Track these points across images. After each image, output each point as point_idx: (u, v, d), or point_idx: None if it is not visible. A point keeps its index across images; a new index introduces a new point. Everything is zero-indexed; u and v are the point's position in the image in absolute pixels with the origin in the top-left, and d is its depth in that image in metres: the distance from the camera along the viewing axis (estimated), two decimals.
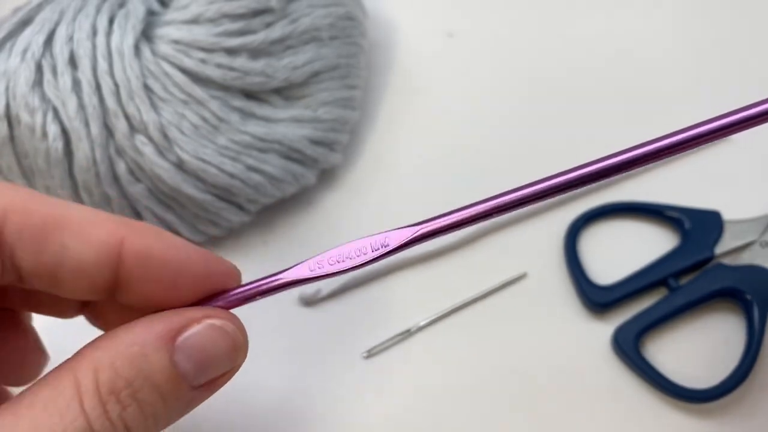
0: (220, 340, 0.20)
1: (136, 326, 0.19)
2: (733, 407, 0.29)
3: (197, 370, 0.19)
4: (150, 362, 0.18)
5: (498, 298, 0.32)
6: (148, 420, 0.18)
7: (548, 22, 0.40)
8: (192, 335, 0.19)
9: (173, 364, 0.19)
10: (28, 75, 0.29)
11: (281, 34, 0.31)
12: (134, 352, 0.18)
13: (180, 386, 0.19)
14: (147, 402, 0.18)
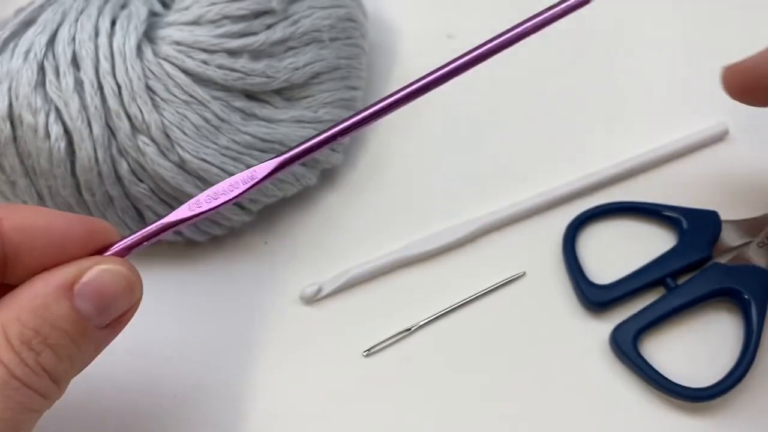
0: (114, 281, 0.22)
1: (35, 282, 0.21)
2: (730, 406, 0.29)
3: (99, 312, 0.21)
4: (53, 311, 0.20)
5: (497, 297, 0.32)
6: (64, 362, 0.21)
7: None
8: (87, 281, 0.21)
9: (75, 310, 0.21)
10: (30, 75, 0.29)
11: (282, 36, 0.31)
12: (37, 304, 0.20)
13: (86, 328, 0.21)
14: (59, 345, 0.21)
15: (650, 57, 0.38)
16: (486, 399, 0.30)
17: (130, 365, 0.27)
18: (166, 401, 0.30)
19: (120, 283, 0.22)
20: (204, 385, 0.31)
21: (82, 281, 0.21)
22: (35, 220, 0.21)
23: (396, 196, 0.35)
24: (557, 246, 0.32)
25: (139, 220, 0.31)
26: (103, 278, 0.21)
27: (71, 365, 0.21)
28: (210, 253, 0.34)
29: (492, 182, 0.35)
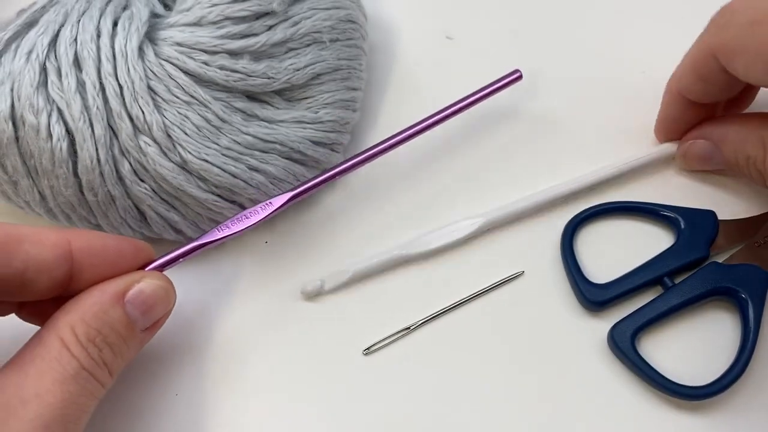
0: (156, 292, 0.27)
1: (94, 291, 0.26)
2: (728, 404, 0.29)
3: (143, 316, 0.26)
4: (110, 315, 0.25)
5: (495, 296, 0.32)
6: (118, 357, 0.26)
7: (547, 23, 0.40)
8: (136, 291, 0.26)
9: (126, 315, 0.26)
10: (32, 76, 0.29)
11: (283, 37, 0.31)
12: (97, 309, 0.25)
13: (133, 330, 0.26)
14: (115, 344, 0.25)
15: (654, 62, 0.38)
16: (485, 397, 0.30)
17: (131, 364, 0.27)
18: (166, 401, 0.30)
19: (160, 293, 0.27)
20: (204, 384, 0.31)
21: (131, 291, 0.26)
22: (95, 241, 0.26)
23: (396, 195, 0.35)
24: (556, 245, 0.33)
25: (140, 219, 0.31)
26: (148, 289, 0.26)
27: (122, 360, 0.26)
28: (211, 252, 0.34)
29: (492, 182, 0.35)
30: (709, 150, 0.32)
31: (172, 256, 0.28)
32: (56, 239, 0.25)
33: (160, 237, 0.32)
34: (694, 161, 0.33)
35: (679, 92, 0.31)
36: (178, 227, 0.31)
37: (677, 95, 0.32)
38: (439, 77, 0.38)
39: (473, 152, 0.36)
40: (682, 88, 0.31)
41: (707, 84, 0.30)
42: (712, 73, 0.29)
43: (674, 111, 0.33)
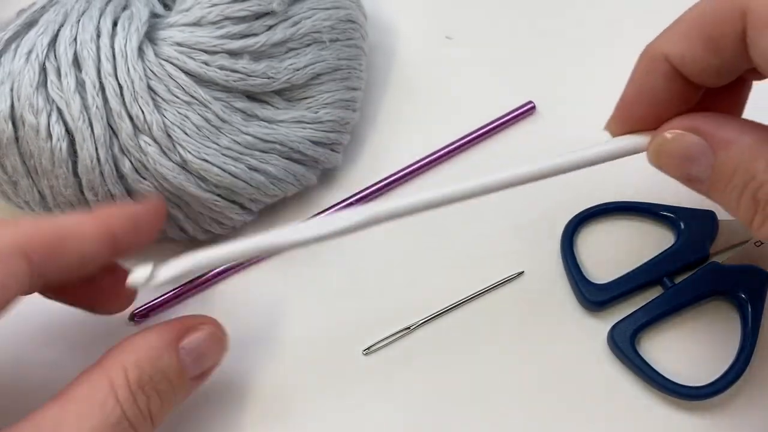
0: (211, 342, 0.26)
1: (151, 333, 0.25)
2: (728, 404, 0.29)
3: (195, 365, 0.25)
4: (164, 361, 0.24)
5: (495, 296, 0.32)
6: (165, 406, 0.24)
7: (547, 23, 0.40)
8: (192, 339, 0.25)
9: (180, 362, 0.25)
10: (32, 76, 0.29)
11: (283, 37, 0.31)
12: (153, 354, 0.24)
13: (184, 378, 0.25)
14: (164, 392, 0.24)
15: None
16: (484, 398, 0.30)
17: None
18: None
19: (215, 343, 0.26)
20: (204, 384, 0.31)
21: (187, 339, 0.25)
22: (127, 216, 0.26)
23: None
24: (555, 245, 0.33)
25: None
26: (204, 337, 0.26)
27: (167, 409, 0.25)
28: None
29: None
30: (699, 150, 0.23)
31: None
32: (97, 228, 0.24)
33: (162, 236, 0.32)
34: (671, 160, 0.24)
35: (667, 59, 0.23)
36: (182, 225, 0.31)
37: (662, 63, 0.23)
38: (439, 77, 0.38)
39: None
40: (676, 54, 0.23)
41: (715, 54, 0.22)
42: (725, 40, 0.21)
43: (652, 87, 0.24)
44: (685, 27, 0.23)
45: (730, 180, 0.22)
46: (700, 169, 0.23)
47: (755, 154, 0.21)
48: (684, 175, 0.24)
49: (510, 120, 0.36)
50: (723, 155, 0.22)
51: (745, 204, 0.22)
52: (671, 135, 0.23)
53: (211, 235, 0.33)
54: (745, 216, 0.22)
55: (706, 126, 0.23)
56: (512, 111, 0.36)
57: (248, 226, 0.34)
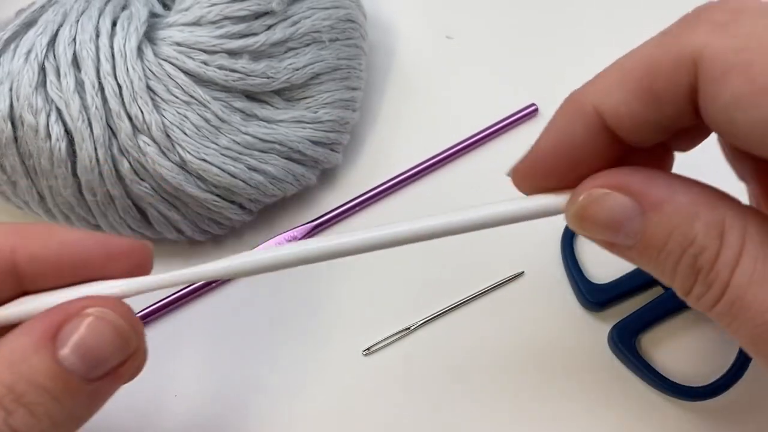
0: (101, 330, 0.19)
1: (18, 332, 0.19)
2: (728, 405, 0.29)
3: (86, 364, 0.19)
4: (32, 365, 0.18)
5: (495, 297, 0.32)
6: (42, 421, 0.18)
7: (548, 23, 0.40)
8: (70, 330, 0.19)
9: (57, 362, 0.18)
10: (31, 76, 0.29)
11: (282, 36, 0.31)
12: (14, 358, 0.18)
13: (71, 382, 0.19)
14: (36, 404, 0.18)
15: None
16: (485, 398, 0.30)
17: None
18: (166, 401, 0.30)
19: (109, 332, 0.19)
20: (204, 384, 0.31)
21: (64, 330, 0.19)
22: (48, 245, 0.20)
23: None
24: (556, 245, 0.33)
25: (140, 219, 0.31)
26: (91, 326, 0.19)
27: (53, 425, 0.19)
28: (210, 251, 0.34)
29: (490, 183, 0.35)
30: (628, 212, 0.19)
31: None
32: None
33: (161, 237, 0.32)
34: (596, 225, 0.20)
35: (597, 111, 0.19)
36: (179, 226, 0.31)
37: (590, 116, 0.19)
38: (439, 77, 0.38)
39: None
40: (609, 106, 0.19)
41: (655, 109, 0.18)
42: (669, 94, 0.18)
43: (573, 140, 0.20)
44: (621, 76, 0.19)
45: (664, 246, 0.19)
46: (628, 233, 0.19)
47: (692, 215, 0.18)
48: (609, 241, 0.20)
49: (512, 122, 0.36)
50: (655, 217, 0.19)
51: (682, 273, 0.19)
52: (595, 194, 0.20)
53: (209, 236, 0.33)
54: (683, 285, 0.19)
55: (634, 183, 0.19)
56: (514, 113, 0.36)
57: (247, 226, 0.34)
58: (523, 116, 0.36)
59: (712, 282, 0.18)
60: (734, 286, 0.18)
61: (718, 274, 0.18)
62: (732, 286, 0.18)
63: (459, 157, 0.36)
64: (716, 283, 0.18)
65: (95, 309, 0.19)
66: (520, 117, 0.36)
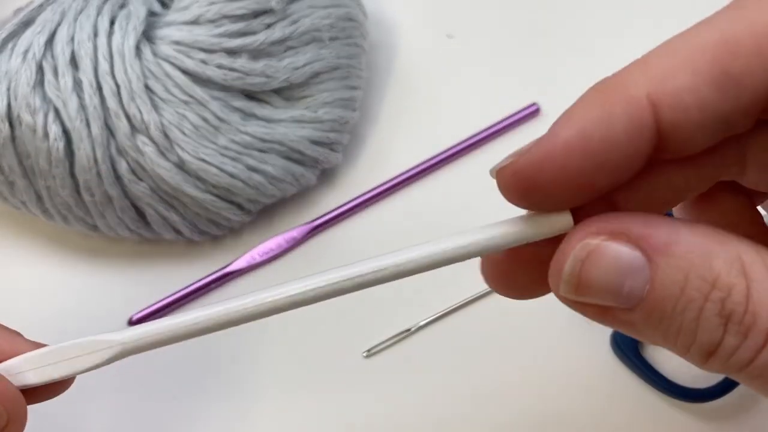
0: None
1: None
2: (731, 407, 0.29)
3: None
4: None
5: (496, 298, 0.32)
6: None
7: (549, 22, 0.40)
8: None
9: None
10: (29, 75, 0.29)
11: (281, 35, 0.31)
12: None
13: None
14: None
15: None
16: (486, 399, 0.30)
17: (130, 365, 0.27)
18: (167, 401, 0.30)
19: None
20: (204, 385, 0.31)
21: None
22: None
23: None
24: None
25: (138, 219, 0.31)
26: None
27: None
28: (209, 252, 0.34)
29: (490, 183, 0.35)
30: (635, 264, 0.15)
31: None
32: None
33: (158, 238, 0.32)
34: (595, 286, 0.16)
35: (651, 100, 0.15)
36: (177, 227, 0.31)
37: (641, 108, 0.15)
38: (439, 76, 0.38)
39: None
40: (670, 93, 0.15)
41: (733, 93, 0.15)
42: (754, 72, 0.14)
43: (610, 136, 0.15)
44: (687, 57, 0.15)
45: (682, 294, 0.15)
46: (633, 290, 0.15)
47: (707, 253, 0.15)
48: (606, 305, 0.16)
49: (513, 122, 0.36)
50: (664, 263, 0.15)
51: (707, 324, 0.15)
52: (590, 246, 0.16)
53: (208, 236, 0.33)
54: (710, 341, 0.15)
55: (634, 227, 0.15)
56: (515, 113, 0.36)
57: (246, 226, 0.34)
58: (524, 116, 0.36)
59: (748, 327, 0.15)
60: None
61: (755, 317, 0.14)
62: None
63: (459, 157, 0.35)
64: (755, 328, 0.14)
65: None
66: (522, 117, 0.36)
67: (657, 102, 0.15)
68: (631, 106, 0.15)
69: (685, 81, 0.15)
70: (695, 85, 0.15)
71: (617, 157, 0.15)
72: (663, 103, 0.15)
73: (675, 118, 0.15)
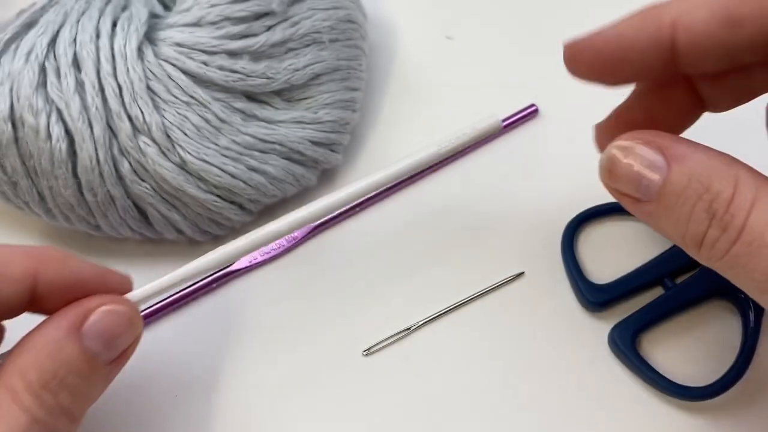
0: (117, 320, 0.24)
1: (46, 327, 0.23)
2: (728, 405, 0.29)
3: (106, 348, 0.23)
4: (66, 352, 0.22)
5: (495, 297, 0.32)
6: (78, 399, 0.23)
7: (548, 23, 0.40)
8: (93, 322, 0.23)
9: (85, 349, 0.23)
10: (31, 77, 0.29)
11: (282, 37, 0.31)
12: (51, 348, 0.22)
13: (96, 365, 0.23)
14: (74, 385, 0.22)
15: None
16: (485, 398, 0.30)
17: (130, 365, 0.27)
18: (166, 401, 0.30)
19: (122, 320, 0.24)
20: (204, 385, 0.31)
21: (88, 322, 0.23)
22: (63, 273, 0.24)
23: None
24: (556, 246, 0.33)
25: (140, 219, 0.31)
26: (107, 317, 0.23)
27: (84, 401, 0.23)
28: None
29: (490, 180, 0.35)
30: (656, 163, 0.21)
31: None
32: (23, 273, 0.23)
33: (161, 237, 0.32)
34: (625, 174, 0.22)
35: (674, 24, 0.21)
36: (179, 227, 0.31)
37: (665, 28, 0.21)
38: (439, 77, 0.38)
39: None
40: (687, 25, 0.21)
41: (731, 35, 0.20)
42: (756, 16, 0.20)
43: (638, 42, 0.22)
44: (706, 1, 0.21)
45: (683, 192, 0.20)
46: (651, 184, 0.21)
47: (709, 167, 0.20)
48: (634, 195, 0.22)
49: (512, 123, 0.36)
50: (677, 168, 0.21)
51: (696, 218, 0.20)
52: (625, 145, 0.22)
53: (209, 236, 0.33)
54: (696, 231, 0.20)
55: (661, 139, 0.21)
56: (515, 114, 0.36)
57: (247, 226, 0.34)
58: (523, 117, 0.36)
59: (727, 224, 0.19)
60: (751, 226, 0.19)
61: (733, 217, 0.19)
62: (748, 226, 0.19)
63: (459, 158, 0.36)
64: (732, 225, 0.19)
65: (110, 305, 0.24)
66: (521, 117, 0.36)
67: (677, 27, 0.21)
68: (657, 25, 0.21)
69: (700, 16, 0.20)
70: (707, 20, 0.20)
71: (639, 57, 0.21)
72: (680, 28, 0.20)
73: (687, 40, 0.21)
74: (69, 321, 0.23)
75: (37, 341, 0.22)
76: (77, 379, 0.22)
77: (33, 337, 0.23)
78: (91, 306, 0.23)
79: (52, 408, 0.22)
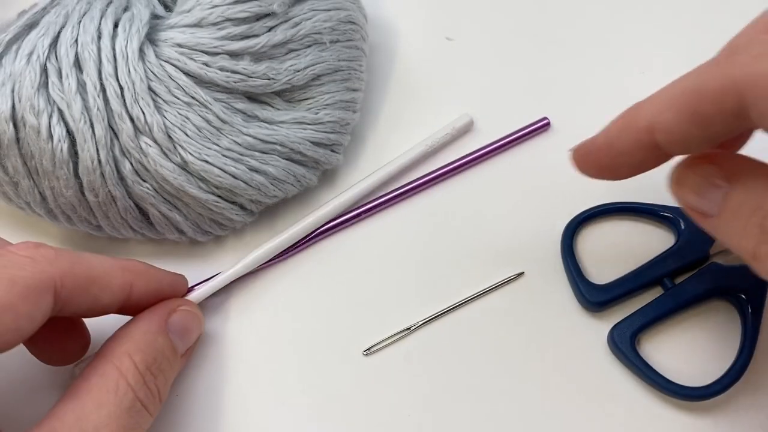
0: (191, 318, 0.29)
1: (141, 321, 0.27)
2: (727, 405, 0.29)
3: (182, 342, 0.28)
4: (159, 343, 0.27)
5: (495, 297, 0.32)
6: (167, 384, 0.27)
7: (547, 23, 0.40)
8: (175, 320, 0.28)
9: (170, 341, 0.27)
10: (33, 77, 0.29)
11: (283, 38, 0.31)
12: (148, 338, 0.26)
13: (176, 355, 0.28)
14: (165, 370, 0.27)
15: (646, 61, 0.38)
16: (485, 398, 0.30)
17: None
18: (167, 401, 0.30)
19: (195, 320, 0.29)
20: (204, 384, 0.31)
21: (172, 318, 0.28)
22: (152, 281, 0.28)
23: None
24: (556, 246, 0.33)
25: (141, 219, 0.31)
26: (185, 316, 0.29)
27: (167, 387, 0.27)
28: (212, 252, 0.34)
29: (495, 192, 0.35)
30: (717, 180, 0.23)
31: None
32: (122, 283, 0.26)
33: (162, 238, 0.32)
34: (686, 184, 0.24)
35: (650, 130, 0.23)
36: (180, 227, 0.31)
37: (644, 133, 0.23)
38: (439, 78, 0.38)
39: None
40: (660, 128, 0.22)
41: (702, 130, 0.22)
42: (719, 116, 0.21)
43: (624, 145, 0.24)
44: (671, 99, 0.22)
45: (739, 208, 0.22)
46: (713, 199, 0.23)
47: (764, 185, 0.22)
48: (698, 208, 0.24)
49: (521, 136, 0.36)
50: (740, 184, 0.23)
51: (749, 231, 0.22)
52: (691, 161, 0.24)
53: (210, 236, 0.33)
54: (747, 244, 0.22)
55: (725, 159, 0.23)
56: (525, 127, 0.36)
57: (248, 227, 0.34)
58: (534, 130, 0.36)
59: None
60: None
61: None
62: None
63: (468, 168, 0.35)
64: None
65: (186, 306, 0.29)
66: (531, 131, 0.36)
67: (652, 130, 0.22)
68: (636, 129, 0.23)
69: (670, 118, 0.22)
70: (677, 121, 0.21)
71: (630, 159, 0.24)
72: (656, 131, 0.22)
73: (667, 139, 0.22)
74: (159, 318, 0.27)
75: (135, 332, 0.27)
76: (167, 365, 0.27)
77: (130, 329, 0.27)
78: (173, 306, 0.28)
79: (151, 389, 0.25)
